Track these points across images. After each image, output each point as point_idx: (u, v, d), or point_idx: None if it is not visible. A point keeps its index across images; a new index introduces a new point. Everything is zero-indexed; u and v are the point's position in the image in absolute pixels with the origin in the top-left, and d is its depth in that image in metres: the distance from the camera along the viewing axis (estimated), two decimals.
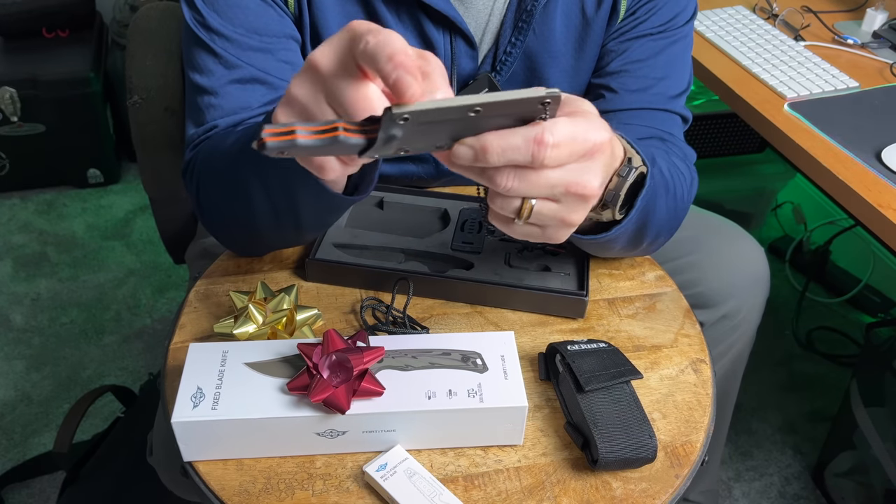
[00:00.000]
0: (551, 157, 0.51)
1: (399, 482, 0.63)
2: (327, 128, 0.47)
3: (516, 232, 0.57)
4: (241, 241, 0.84)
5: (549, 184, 0.53)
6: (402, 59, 0.47)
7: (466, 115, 0.48)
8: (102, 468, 1.32)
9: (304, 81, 0.53)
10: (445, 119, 0.48)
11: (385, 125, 0.47)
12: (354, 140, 0.48)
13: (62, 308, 1.87)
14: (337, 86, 0.51)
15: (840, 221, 1.79)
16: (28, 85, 2.04)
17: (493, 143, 0.50)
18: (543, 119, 0.51)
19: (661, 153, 0.81)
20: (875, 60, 1.33)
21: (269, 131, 0.46)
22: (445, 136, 0.51)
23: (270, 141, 0.46)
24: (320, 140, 0.47)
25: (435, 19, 0.84)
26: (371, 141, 0.48)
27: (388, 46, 0.48)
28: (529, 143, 0.50)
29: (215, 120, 0.81)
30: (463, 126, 0.50)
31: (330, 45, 0.51)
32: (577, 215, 0.56)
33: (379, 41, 0.48)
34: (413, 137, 0.49)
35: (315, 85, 0.52)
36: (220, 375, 0.65)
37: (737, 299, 1.00)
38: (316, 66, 0.51)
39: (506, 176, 0.52)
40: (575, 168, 0.53)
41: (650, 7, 0.87)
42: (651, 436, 0.66)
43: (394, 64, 0.47)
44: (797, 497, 1.50)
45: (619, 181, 0.66)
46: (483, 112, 0.48)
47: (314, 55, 0.52)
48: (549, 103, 0.49)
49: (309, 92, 0.52)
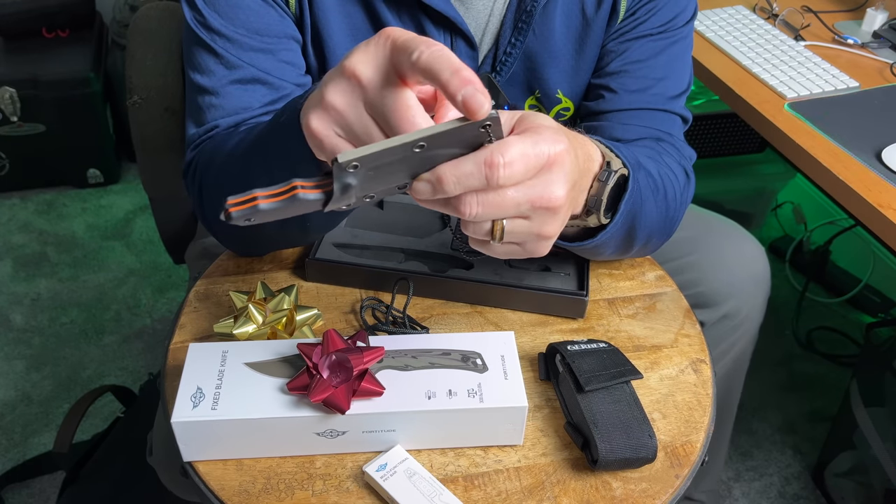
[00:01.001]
0: (505, 177, 0.51)
1: (399, 482, 0.63)
2: (285, 189, 0.49)
3: (497, 252, 0.58)
4: (242, 242, 0.84)
5: (513, 202, 0.53)
6: (468, 75, 0.48)
7: (413, 152, 0.49)
8: (102, 468, 1.32)
9: (342, 91, 0.52)
10: (394, 159, 0.49)
11: (337, 176, 0.48)
12: (313, 196, 0.49)
13: (62, 308, 1.87)
14: (379, 96, 0.50)
15: (840, 221, 1.79)
16: (28, 85, 2.04)
17: (447, 173, 0.51)
18: (490, 142, 0.51)
19: (651, 154, 0.81)
20: (875, 60, 1.33)
21: (232, 202, 0.48)
22: (403, 175, 0.52)
23: (234, 211, 0.48)
24: (280, 202, 0.49)
25: (435, 20, 0.84)
26: (328, 194, 0.49)
27: (449, 60, 0.48)
28: (481, 166, 0.51)
29: (216, 120, 0.81)
30: (416, 162, 0.51)
31: (368, 53, 0.51)
32: (551, 227, 0.56)
33: (434, 53, 0.48)
34: (370, 182, 0.50)
35: (354, 94, 0.51)
36: (219, 375, 0.65)
37: (737, 299, 1.00)
38: (355, 76, 0.51)
39: (468, 203, 0.52)
40: (535, 182, 0.53)
41: (650, 7, 0.87)
42: (651, 436, 0.66)
43: (460, 80, 0.47)
44: (797, 497, 1.50)
45: (599, 186, 0.66)
46: (427, 146, 0.49)
47: (353, 64, 0.51)
48: (490, 125, 0.50)
49: (348, 101, 0.52)
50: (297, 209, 0.50)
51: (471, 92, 0.47)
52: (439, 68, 0.48)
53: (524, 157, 0.52)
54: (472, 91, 0.47)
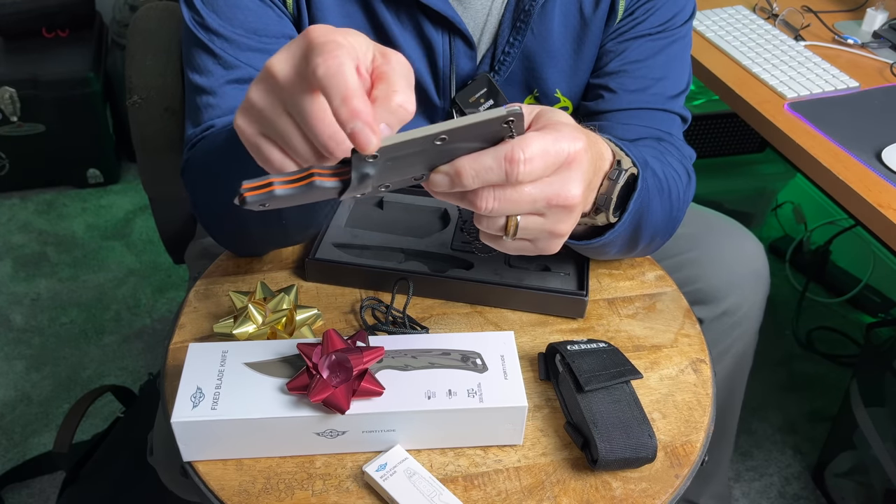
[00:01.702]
0: (525, 173, 0.51)
1: (399, 482, 0.63)
2: (302, 175, 0.49)
3: (508, 248, 0.58)
4: (235, 241, 0.84)
5: (530, 199, 0.53)
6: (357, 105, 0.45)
7: (433, 145, 0.49)
8: (102, 468, 1.32)
9: (262, 89, 0.51)
10: (414, 151, 0.49)
11: (355, 165, 0.48)
12: (330, 184, 0.49)
13: (62, 308, 1.87)
14: (294, 97, 0.49)
15: (840, 221, 1.79)
16: (28, 85, 2.04)
17: (466, 166, 0.51)
18: (511, 137, 0.51)
19: (655, 154, 0.81)
20: (875, 60, 1.33)
21: (248, 186, 0.48)
22: (421, 167, 0.52)
23: (250, 196, 0.48)
24: (296, 188, 0.48)
25: (434, 19, 0.84)
26: (346, 182, 0.49)
27: (343, 84, 0.46)
28: (501, 161, 0.50)
29: (212, 119, 0.81)
30: (435, 155, 0.51)
31: (287, 52, 0.50)
32: (565, 226, 0.56)
33: (329, 69, 0.46)
34: (387, 173, 0.50)
35: (273, 94, 0.51)
36: (219, 375, 0.65)
37: (737, 295, 1.00)
38: (273, 75, 0.50)
39: (485, 197, 0.52)
40: (553, 180, 0.53)
41: (648, 7, 0.87)
42: (651, 436, 0.66)
43: (349, 111, 0.45)
44: (797, 497, 1.49)
45: (609, 184, 0.66)
46: (449, 139, 0.49)
47: (271, 62, 0.50)
48: (513, 121, 0.50)
49: (267, 100, 0.51)
50: (313, 196, 0.50)
51: (359, 127, 0.45)
52: (331, 91, 0.46)
53: (544, 154, 0.52)
54: (360, 127, 0.45)
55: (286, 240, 0.84)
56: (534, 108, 0.57)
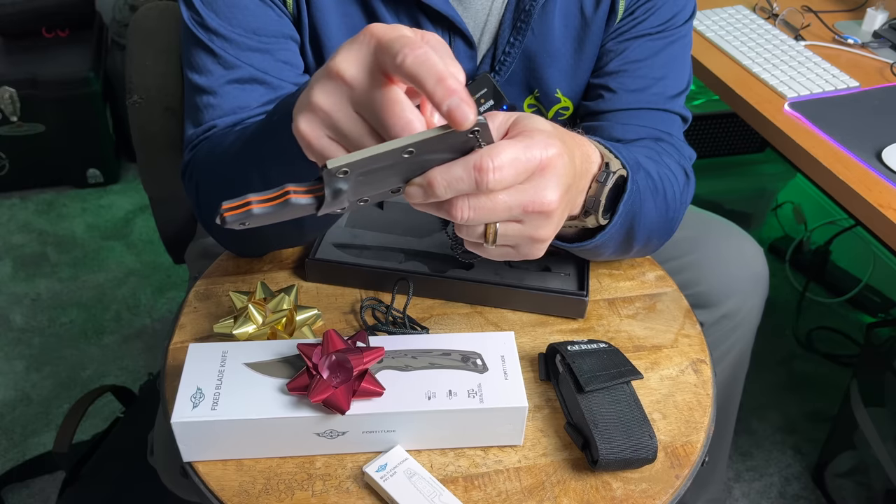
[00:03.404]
0: (495, 181, 0.51)
1: (399, 483, 0.63)
2: (278, 194, 0.50)
3: (491, 254, 0.58)
4: (240, 242, 0.84)
5: (505, 206, 0.53)
6: (452, 84, 0.47)
7: (402, 158, 0.49)
8: (102, 468, 1.32)
9: (329, 92, 0.52)
10: (384, 165, 0.49)
11: (327, 182, 0.49)
12: (305, 200, 0.50)
13: (62, 308, 1.87)
14: (366, 94, 0.50)
15: (840, 221, 1.79)
16: (28, 85, 2.04)
17: (437, 177, 0.51)
18: (480, 146, 0.51)
19: (650, 155, 0.81)
20: (875, 60, 1.33)
21: (227, 206, 0.49)
22: (396, 179, 0.52)
23: (229, 215, 0.49)
24: (273, 206, 0.49)
25: (434, 19, 0.84)
26: (320, 199, 0.50)
27: (434, 67, 0.47)
28: (470, 171, 0.51)
29: (214, 120, 0.81)
30: (407, 167, 0.51)
31: (352, 52, 0.51)
32: (545, 231, 0.56)
33: (418, 58, 0.48)
34: (362, 187, 0.51)
35: (341, 94, 0.51)
36: (219, 376, 0.65)
37: (736, 299, 1.00)
38: (340, 76, 0.51)
39: (459, 207, 0.52)
40: (526, 187, 0.54)
41: (649, 7, 0.87)
42: (651, 436, 0.66)
43: (445, 89, 0.47)
44: (797, 497, 1.49)
45: (598, 187, 0.66)
46: (416, 152, 0.49)
47: (338, 65, 0.51)
48: (479, 131, 0.50)
49: (335, 102, 0.52)
50: (290, 213, 0.51)
51: (456, 103, 0.47)
52: (423, 76, 0.47)
53: (514, 162, 0.52)
54: (457, 102, 0.47)
55: (300, 239, 0.83)
56: (511, 115, 0.57)
